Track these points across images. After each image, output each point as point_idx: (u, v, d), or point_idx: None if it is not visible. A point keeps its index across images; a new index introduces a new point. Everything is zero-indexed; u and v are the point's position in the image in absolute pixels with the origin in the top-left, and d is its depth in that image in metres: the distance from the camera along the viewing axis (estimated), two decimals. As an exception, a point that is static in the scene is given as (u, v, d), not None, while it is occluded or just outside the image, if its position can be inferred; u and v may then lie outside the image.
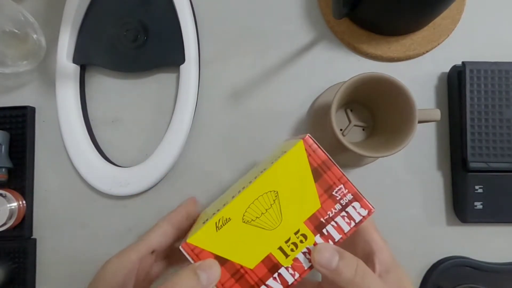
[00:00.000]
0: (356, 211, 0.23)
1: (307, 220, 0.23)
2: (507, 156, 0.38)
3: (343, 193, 0.23)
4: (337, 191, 0.23)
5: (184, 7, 0.41)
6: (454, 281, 0.39)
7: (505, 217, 0.39)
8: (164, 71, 0.43)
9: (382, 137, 0.37)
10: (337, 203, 0.23)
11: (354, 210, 0.23)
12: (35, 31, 0.41)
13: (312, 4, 0.43)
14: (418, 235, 0.41)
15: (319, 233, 0.23)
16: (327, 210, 0.23)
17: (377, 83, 0.33)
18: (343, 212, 0.23)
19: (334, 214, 0.23)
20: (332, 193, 0.23)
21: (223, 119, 0.42)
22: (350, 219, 0.23)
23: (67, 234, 0.42)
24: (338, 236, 0.23)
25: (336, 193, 0.23)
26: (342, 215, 0.23)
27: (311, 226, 0.23)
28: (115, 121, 0.43)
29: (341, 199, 0.23)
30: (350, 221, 0.23)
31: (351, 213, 0.23)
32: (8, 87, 0.44)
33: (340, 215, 0.23)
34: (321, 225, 0.23)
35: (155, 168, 0.40)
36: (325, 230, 0.23)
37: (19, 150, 0.42)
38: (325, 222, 0.23)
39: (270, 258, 0.23)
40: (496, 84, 0.39)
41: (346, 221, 0.23)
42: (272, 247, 0.23)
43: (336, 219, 0.23)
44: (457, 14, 0.42)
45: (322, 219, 0.23)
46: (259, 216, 0.23)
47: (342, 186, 0.24)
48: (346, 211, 0.23)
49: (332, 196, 0.23)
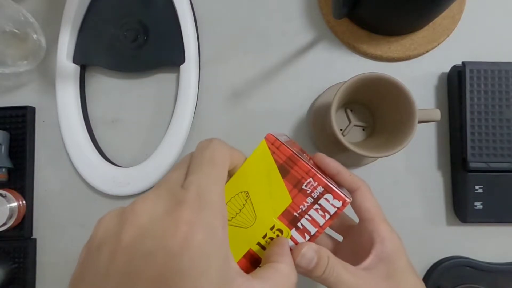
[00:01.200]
0: (330, 203, 0.23)
1: (280, 215, 0.24)
2: (507, 156, 0.38)
3: (313, 186, 0.23)
4: (306, 185, 0.24)
5: (184, 7, 0.41)
6: (454, 281, 0.39)
7: (505, 217, 0.39)
8: (164, 71, 0.43)
9: (382, 137, 0.37)
10: (309, 197, 0.23)
11: (327, 202, 0.23)
12: (35, 31, 0.41)
13: (312, 4, 0.43)
14: (418, 235, 0.41)
15: (294, 227, 0.24)
16: (299, 204, 0.24)
17: (377, 83, 0.33)
18: (316, 205, 0.23)
19: (306, 208, 0.24)
20: (301, 187, 0.24)
21: (223, 119, 0.42)
22: (324, 211, 0.24)
23: (67, 234, 0.42)
24: (314, 230, 0.24)
25: (305, 186, 0.24)
26: (315, 208, 0.23)
27: (285, 220, 0.24)
28: (115, 121, 0.43)
29: (311, 192, 0.23)
30: (324, 213, 0.24)
31: (324, 206, 0.23)
32: (8, 87, 0.44)
33: (313, 208, 0.23)
34: (295, 219, 0.24)
35: (155, 168, 0.40)
36: (299, 224, 0.24)
37: (19, 150, 0.42)
38: (299, 216, 0.24)
39: (250, 254, 0.24)
40: (496, 84, 0.39)
41: (320, 214, 0.24)
42: (251, 243, 0.24)
43: (309, 213, 0.24)
44: (457, 14, 0.42)
45: (295, 213, 0.24)
46: (234, 216, 0.24)
47: (311, 179, 0.24)
48: (318, 203, 0.23)
49: (302, 190, 0.24)
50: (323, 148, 0.40)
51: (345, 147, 0.33)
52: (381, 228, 0.27)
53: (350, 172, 0.28)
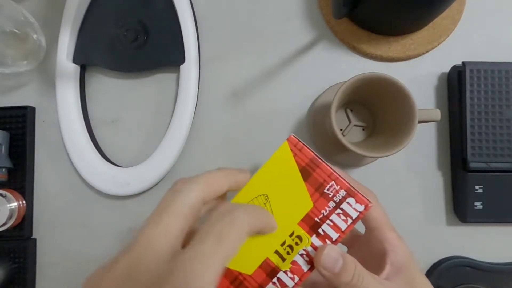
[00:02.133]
0: (352, 207, 0.23)
1: (300, 221, 0.23)
2: (507, 156, 0.38)
3: (335, 190, 0.23)
4: (328, 189, 0.23)
5: (184, 7, 0.41)
6: (454, 281, 0.39)
7: (505, 217, 0.39)
8: (164, 71, 0.43)
9: (382, 137, 0.37)
10: (331, 201, 0.23)
11: (350, 206, 0.23)
12: (35, 31, 0.41)
13: (312, 4, 0.43)
14: (418, 235, 0.41)
15: (315, 233, 0.23)
16: (320, 209, 0.23)
17: (377, 83, 0.33)
18: (338, 210, 0.23)
19: (328, 213, 0.23)
20: (323, 191, 0.23)
21: (223, 119, 0.42)
22: (346, 216, 0.23)
23: (67, 234, 0.42)
24: (336, 235, 0.23)
25: (328, 190, 0.23)
26: (337, 213, 0.23)
27: (306, 227, 0.23)
28: (115, 121, 0.43)
29: (334, 196, 0.23)
30: (347, 218, 0.23)
31: (347, 210, 0.23)
32: (8, 87, 0.44)
33: (335, 212, 0.23)
34: (316, 224, 0.23)
35: (155, 168, 0.40)
36: (320, 229, 0.23)
37: (19, 150, 0.42)
38: (320, 221, 0.23)
39: (267, 263, 0.23)
40: (496, 84, 0.39)
41: (342, 219, 0.23)
42: (268, 251, 0.23)
43: (331, 218, 0.23)
44: (457, 14, 0.42)
45: (317, 218, 0.23)
46: None
47: (333, 182, 0.23)
48: (341, 208, 0.23)
49: (324, 194, 0.23)
50: (323, 148, 0.40)
51: (345, 147, 0.33)
52: (391, 237, 0.26)
53: (356, 181, 0.28)
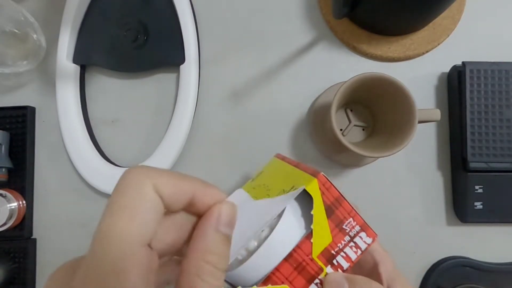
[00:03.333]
0: (363, 240, 0.25)
1: (319, 254, 0.24)
2: (507, 156, 0.38)
3: (352, 226, 0.24)
4: (346, 224, 0.24)
5: (184, 7, 0.41)
6: (454, 281, 0.39)
7: (505, 217, 0.39)
8: (164, 71, 0.43)
9: (382, 137, 0.37)
10: (347, 235, 0.24)
11: (361, 239, 0.24)
12: (35, 31, 0.41)
13: (312, 4, 0.43)
14: (418, 235, 0.41)
15: (330, 264, 0.24)
16: (337, 242, 0.24)
17: (377, 83, 0.33)
18: (351, 243, 0.24)
19: (343, 246, 0.24)
20: (342, 226, 0.24)
21: (223, 119, 0.42)
22: (357, 248, 0.24)
23: (67, 234, 0.42)
24: (347, 265, 0.24)
25: (345, 226, 0.24)
26: (350, 246, 0.24)
27: (323, 259, 0.24)
28: (115, 121, 0.43)
29: (350, 231, 0.24)
30: (357, 250, 0.24)
31: (358, 243, 0.24)
32: (8, 87, 0.44)
33: (348, 245, 0.24)
34: (332, 257, 0.24)
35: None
36: (335, 260, 0.24)
37: (19, 150, 0.42)
38: (335, 253, 0.24)
39: None
40: (496, 84, 0.39)
41: (354, 251, 0.24)
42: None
43: (345, 250, 0.24)
44: (457, 14, 0.42)
45: (333, 251, 0.24)
46: None
47: (351, 219, 0.24)
48: (354, 241, 0.24)
49: (342, 229, 0.24)
50: (323, 148, 0.40)
51: (345, 147, 0.33)
52: (379, 248, 0.28)
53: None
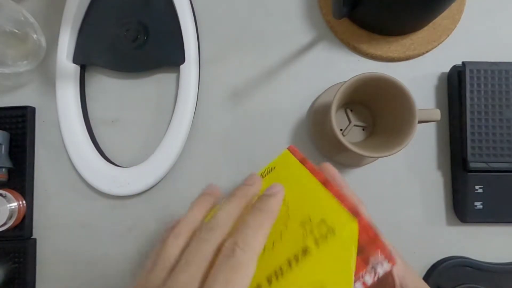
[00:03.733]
0: (383, 267, 0.24)
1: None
2: (507, 156, 0.38)
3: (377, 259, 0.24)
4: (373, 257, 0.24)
5: (184, 7, 0.41)
6: (454, 281, 0.39)
7: (505, 217, 0.39)
8: (164, 71, 0.43)
9: (382, 137, 0.37)
10: (369, 265, 0.24)
11: (381, 266, 0.24)
12: (35, 31, 0.41)
13: (312, 4, 0.43)
14: (418, 235, 0.41)
15: None
16: (359, 271, 0.24)
17: (377, 83, 0.33)
18: (371, 270, 0.24)
19: (364, 273, 0.24)
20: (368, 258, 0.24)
21: (223, 119, 0.42)
22: (375, 273, 0.24)
23: (67, 234, 0.42)
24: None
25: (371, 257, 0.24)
26: (370, 273, 0.24)
27: None
28: (115, 121, 0.43)
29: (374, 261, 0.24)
30: (375, 276, 0.24)
31: (378, 269, 0.24)
32: (8, 87, 0.44)
33: (368, 273, 0.24)
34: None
35: (155, 168, 0.40)
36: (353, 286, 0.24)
37: (19, 150, 0.42)
38: (355, 280, 0.24)
39: None
40: (496, 84, 0.39)
41: (372, 276, 0.24)
42: None
43: (365, 277, 0.24)
44: (457, 14, 0.42)
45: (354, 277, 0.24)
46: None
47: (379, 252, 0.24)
48: (373, 268, 0.24)
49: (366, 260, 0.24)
50: (323, 148, 0.40)
51: (345, 147, 0.33)
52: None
53: (347, 185, 0.28)
